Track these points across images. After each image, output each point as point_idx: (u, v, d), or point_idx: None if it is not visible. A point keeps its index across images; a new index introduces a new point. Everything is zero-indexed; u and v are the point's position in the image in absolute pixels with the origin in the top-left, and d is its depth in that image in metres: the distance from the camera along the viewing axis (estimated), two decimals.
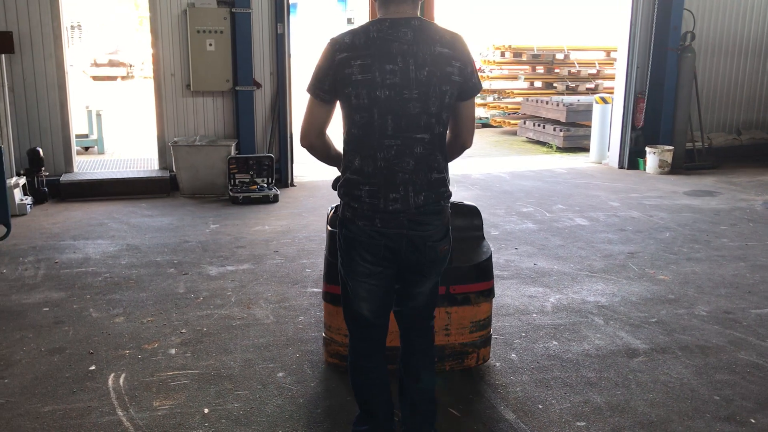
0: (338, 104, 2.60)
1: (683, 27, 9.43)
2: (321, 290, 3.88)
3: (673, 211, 7.39)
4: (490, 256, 3.67)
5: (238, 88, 8.09)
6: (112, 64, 25.17)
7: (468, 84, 2.56)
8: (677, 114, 9.61)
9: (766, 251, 5.98)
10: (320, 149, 2.71)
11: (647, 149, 9.47)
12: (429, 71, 2.46)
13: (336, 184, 2.75)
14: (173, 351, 3.98)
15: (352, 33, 2.51)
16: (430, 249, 2.63)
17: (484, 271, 3.62)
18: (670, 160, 9.40)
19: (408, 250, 2.60)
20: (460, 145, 2.72)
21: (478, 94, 2.82)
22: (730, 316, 4.56)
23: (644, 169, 9.52)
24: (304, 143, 2.69)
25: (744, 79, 10.50)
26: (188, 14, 7.83)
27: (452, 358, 3.67)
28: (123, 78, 24.84)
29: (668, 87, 9.49)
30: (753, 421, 3.31)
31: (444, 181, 2.64)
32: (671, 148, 9.44)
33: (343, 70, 2.47)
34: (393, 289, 2.76)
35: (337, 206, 3.28)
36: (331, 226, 3.49)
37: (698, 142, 9.90)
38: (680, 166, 9.54)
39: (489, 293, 3.67)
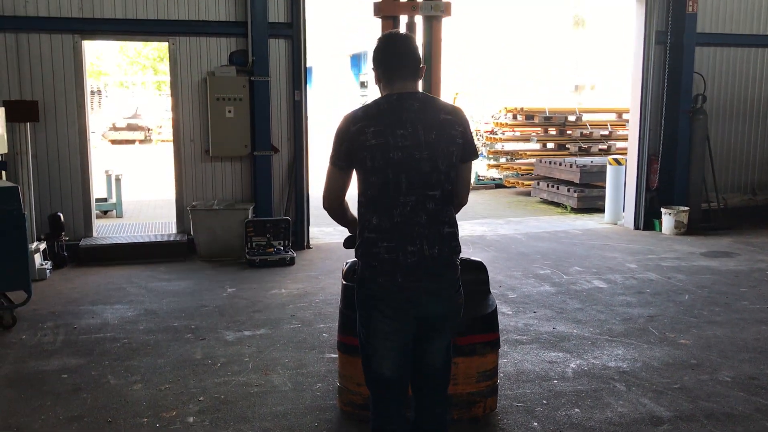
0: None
1: (694, 90, 9.56)
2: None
3: (691, 272, 7.34)
4: (495, 308, 3.90)
5: (256, 153, 8.23)
6: (130, 128, 25.69)
7: (469, 148, 2.86)
8: (691, 175, 9.65)
9: None
10: (338, 212, 2.98)
11: (662, 210, 9.47)
12: (437, 134, 2.75)
13: (349, 243, 3.07)
14: (191, 419, 3.95)
15: (364, 107, 2.83)
16: (447, 300, 2.84)
17: (490, 322, 3.85)
18: (685, 221, 9.38)
19: (427, 303, 2.79)
20: (458, 202, 2.99)
21: (490, 157, 3.11)
22: (755, 382, 4.48)
23: (660, 230, 9.49)
24: (326, 205, 2.97)
25: (757, 139, 10.55)
26: (208, 82, 8.04)
27: (460, 407, 3.83)
28: (141, 141, 25.32)
29: (681, 148, 9.56)
30: None
31: (455, 236, 2.89)
32: (687, 208, 9.43)
33: (359, 138, 2.74)
34: (410, 346, 2.88)
35: (354, 262, 3.47)
36: (345, 280, 3.70)
37: (713, 202, 9.89)
38: (696, 227, 9.51)
39: (495, 344, 3.91)
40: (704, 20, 9.71)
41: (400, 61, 2.81)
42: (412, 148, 2.72)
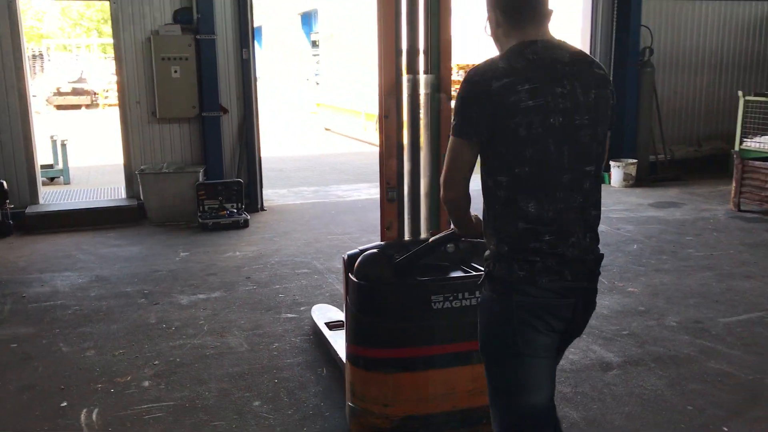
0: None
1: (641, 43, 9.67)
2: (345, 352, 3.29)
3: (639, 223, 7.52)
4: None
5: (204, 114, 8.06)
6: (76, 92, 24.86)
7: (613, 113, 2.26)
8: (639, 128, 9.82)
9: (730, 260, 6.10)
10: (464, 203, 2.26)
11: (612, 163, 9.64)
12: (596, 94, 2.15)
13: (491, 263, 2.21)
14: (147, 383, 3.92)
15: (505, 58, 2.13)
16: (593, 308, 2.29)
17: None
18: (634, 173, 9.58)
19: (582, 310, 2.23)
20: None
21: None
22: (699, 326, 4.64)
23: (610, 183, 9.67)
24: (449, 196, 2.22)
25: (702, 92, 10.77)
26: (152, 42, 7.81)
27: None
28: (87, 106, 24.56)
29: (629, 102, 9.69)
30: (726, 429, 3.36)
31: (599, 220, 2.30)
32: (635, 161, 9.62)
33: (508, 97, 2.05)
34: None
35: (370, 255, 3.05)
36: (358, 277, 2.99)
37: (661, 154, 10.10)
38: (644, 178, 9.72)
39: None
40: None
41: None
42: (572, 111, 2.10)
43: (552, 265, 2.12)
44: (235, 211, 7.86)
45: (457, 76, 14.64)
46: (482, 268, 2.51)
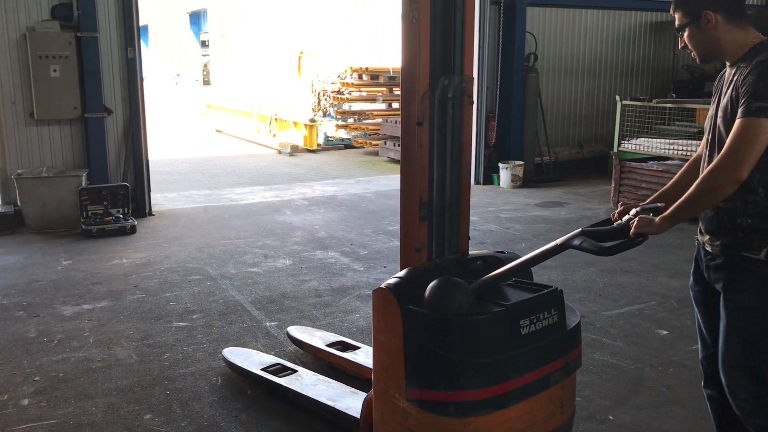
0: None
1: (526, 49, 10.06)
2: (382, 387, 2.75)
3: (527, 222, 7.81)
4: None
5: (87, 115, 7.67)
6: None
7: None
8: (525, 131, 10.21)
9: (612, 257, 6.42)
10: (734, 189, 2.31)
11: (500, 165, 9.96)
12: None
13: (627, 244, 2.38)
14: (26, 401, 3.68)
15: None
16: None
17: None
18: (521, 174, 9.94)
19: None
20: None
21: (338, 117, 2.65)
22: (585, 320, 4.86)
23: (499, 184, 9.99)
24: (735, 175, 2.26)
25: (583, 96, 11.34)
26: (28, 39, 7.35)
27: None
28: None
29: (516, 106, 10.06)
30: (611, 417, 3.54)
31: None
32: (522, 163, 9.99)
33: None
34: None
35: (417, 268, 2.71)
36: (433, 309, 2.50)
37: (546, 156, 10.54)
38: (531, 179, 10.11)
39: None
40: None
41: None
42: None
43: None
44: (122, 216, 7.53)
45: (351, 78, 14.71)
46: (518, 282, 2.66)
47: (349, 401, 3.40)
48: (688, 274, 2.79)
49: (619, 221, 2.55)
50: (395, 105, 15.30)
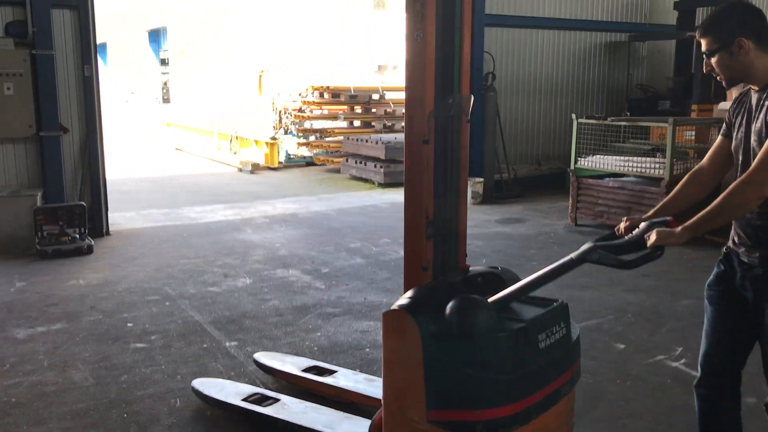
0: None
1: (485, 68, 10.21)
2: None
3: (488, 238, 7.88)
4: None
5: (42, 133, 7.53)
6: None
7: None
8: (485, 148, 10.34)
9: (570, 272, 6.52)
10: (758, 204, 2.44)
11: None
12: None
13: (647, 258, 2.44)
14: None
15: None
16: None
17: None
18: (481, 191, 10.05)
19: None
20: None
21: (300, 135, 2.67)
22: None
23: None
24: (760, 192, 2.40)
25: (540, 114, 11.54)
26: None
27: None
28: None
29: (475, 124, 10.19)
30: None
31: None
32: (482, 180, 10.10)
33: None
34: None
35: (435, 284, 2.70)
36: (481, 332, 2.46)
37: (505, 173, 10.68)
38: (491, 196, 10.23)
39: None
40: (491, 2, 10.37)
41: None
42: None
43: None
44: (78, 236, 7.39)
45: (312, 97, 14.74)
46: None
47: (347, 426, 3.33)
48: (644, 289, 2.86)
49: (630, 235, 2.59)
50: (356, 123, 15.36)
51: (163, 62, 24.58)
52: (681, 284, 5.98)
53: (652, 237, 2.43)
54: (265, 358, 4.30)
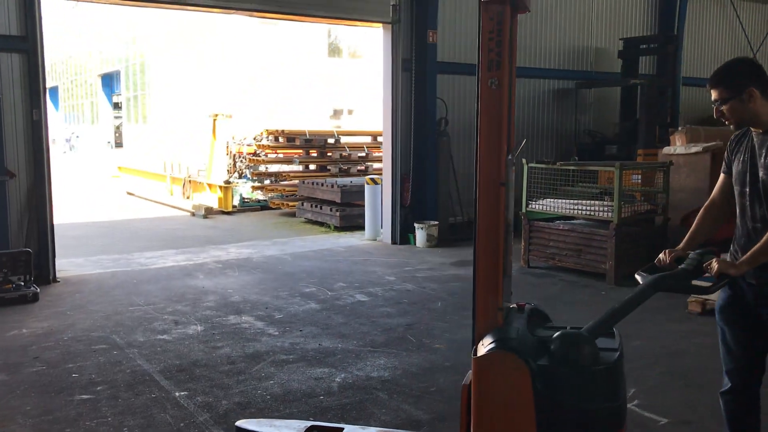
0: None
1: (438, 113, 10.39)
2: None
3: (442, 281, 7.91)
4: None
5: None
6: None
7: None
8: (439, 192, 10.45)
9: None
10: None
11: (416, 225, 10.11)
12: None
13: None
14: None
15: None
16: None
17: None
18: (436, 234, 10.12)
19: None
20: None
21: (254, 179, 2.74)
22: None
23: (415, 244, 10.12)
24: None
25: None
26: None
27: None
28: None
29: (429, 168, 10.31)
30: None
31: None
32: (436, 223, 10.18)
33: None
34: None
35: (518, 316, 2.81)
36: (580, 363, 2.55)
37: (459, 216, 10.79)
38: (446, 238, 10.30)
39: None
40: (443, 50, 10.59)
41: None
42: None
43: None
44: (23, 283, 7.16)
45: (267, 141, 14.74)
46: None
47: None
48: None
49: (682, 265, 2.91)
50: (312, 167, 15.40)
51: (117, 106, 24.37)
52: (630, 326, 6.05)
53: (715, 266, 2.77)
54: (250, 425, 3.83)
